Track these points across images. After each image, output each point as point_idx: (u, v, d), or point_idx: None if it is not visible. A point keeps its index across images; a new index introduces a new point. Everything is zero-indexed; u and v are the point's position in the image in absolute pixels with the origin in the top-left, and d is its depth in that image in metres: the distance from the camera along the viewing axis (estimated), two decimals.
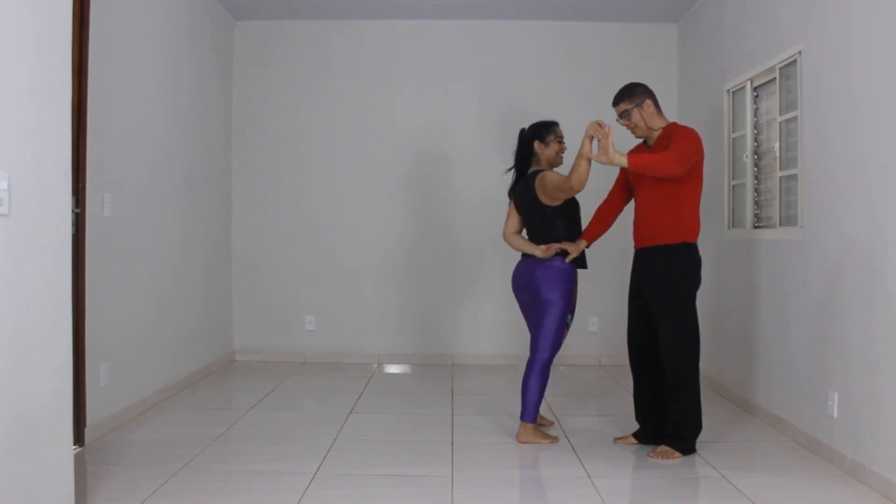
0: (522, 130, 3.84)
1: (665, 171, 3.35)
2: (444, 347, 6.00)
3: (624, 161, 3.35)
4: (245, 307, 6.04)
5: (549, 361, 3.67)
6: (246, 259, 6.03)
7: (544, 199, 3.65)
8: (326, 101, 6.02)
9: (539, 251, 3.65)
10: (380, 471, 3.28)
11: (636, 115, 3.55)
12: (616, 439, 3.73)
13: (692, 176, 3.48)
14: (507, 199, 3.94)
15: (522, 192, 3.77)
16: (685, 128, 3.52)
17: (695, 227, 3.53)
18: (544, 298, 3.64)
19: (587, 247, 3.76)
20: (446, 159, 5.99)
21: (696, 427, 3.53)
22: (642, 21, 5.90)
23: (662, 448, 3.49)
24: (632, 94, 3.58)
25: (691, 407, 3.51)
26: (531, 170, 3.79)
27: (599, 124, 3.40)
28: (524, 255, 3.79)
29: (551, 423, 4.01)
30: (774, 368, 4.04)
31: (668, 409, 3.54)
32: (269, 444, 3.64)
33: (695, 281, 3.56)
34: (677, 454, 3.47)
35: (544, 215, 3.69)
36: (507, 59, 5.99)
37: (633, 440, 3.68)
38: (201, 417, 4.20)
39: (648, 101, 3.56)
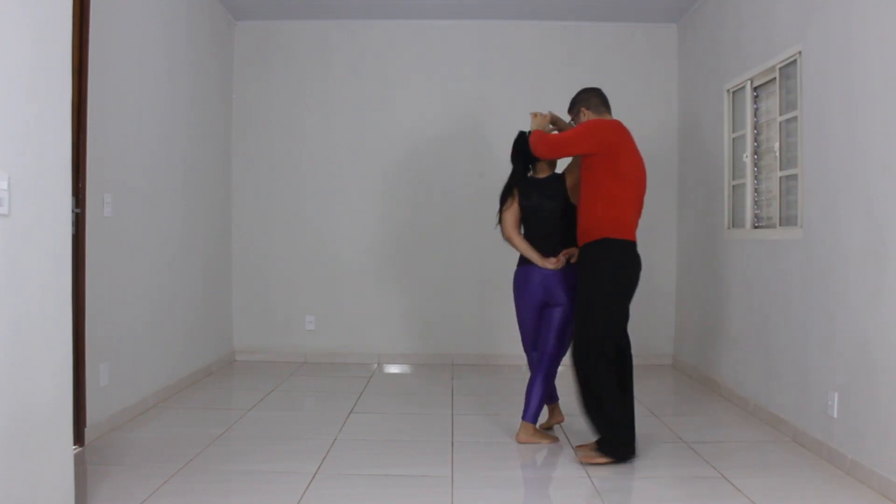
0: (523, 133, 3.83)
1: (532, 146, 3.63)
2: (444, 347, 6.00)
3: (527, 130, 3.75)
4: (245, 307, 6.04)
5: (559, 364, 3.70)
6: (246, 259, 6.03)
7: (573, 199, 3.69)
8: (326, 100, 6.02)
9: (550, 264, 3.62)
10: (380, 471, 3.28)
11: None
12: (578, 447, 3.56)
13: (595, 169, 3.40)
14: (507, 199, 3.88)
15: (552, 192, 3.70)
16: (591, 120, 3.56)
17: (614, 223, 3.36)
18: (559, 301, 3.64)
19: None
20: (446, 159, 5.99)
21: (614, 431, 3.34)
22: (642, 21, 5.90)
23: (586, 451, 3.43)
24: (572, 106, 3.74)
25: (601, 411, 3.35)
26: (546, 174, 3.79)
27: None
28: (529, 260, 3.74)
29: (556, 440, 3.80)
30: (775, 368, 4.04)
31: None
32: (269, 444, 3.64)
33: (609, 278, 3.37)
34: (602, 458, 3.35)
35: (566, 215, 3.69)
36: (507, 59, 5.99)
37: (593, 450, 3.46)
38: (201, 417, 4.20)
39: (583, 110, 3.66)
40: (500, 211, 3.85)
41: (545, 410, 4.02)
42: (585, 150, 3.45)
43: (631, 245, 3.43)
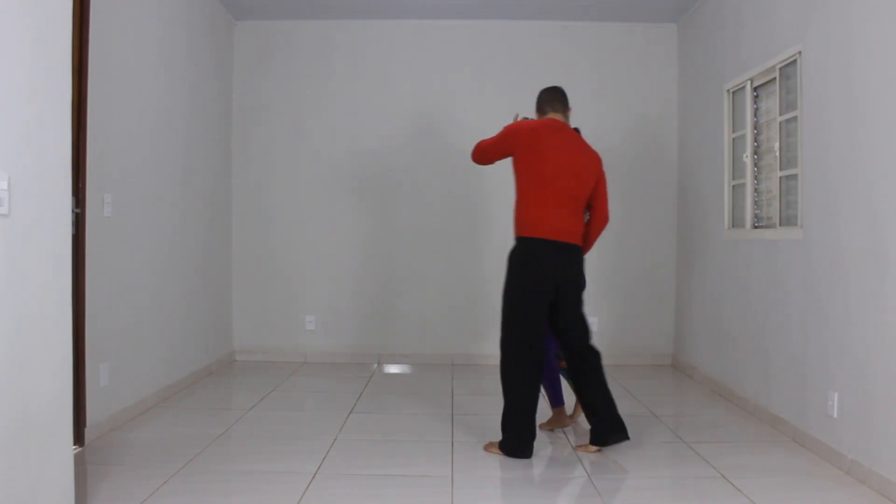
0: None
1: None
2: (444, 347, 6.00)
3: None
4: (245, 307, 6.04)
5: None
6: (246, 259, 6.03)
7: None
8: (326, 100, 6.02)
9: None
10: (380, 471, 3.28)
11: None
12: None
13: (515, 171, 3.52)
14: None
15: None
16: (509, 125, 3.63)
17: (523, 222, 3.45)
18: None
19: None
20: (446, 159, 5.98)
21: (509, 430, 3.44)
22: (642, 21, 5.90)
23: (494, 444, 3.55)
24: None
25: (506, 407, 3.47)
26: None
27: None
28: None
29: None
30: (774, 368, 4.04)
31: None
32: (269, 444, 3.64)
33: (515, 277, 3.45)
34: (497, 450, 3.49)
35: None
36: (508, 59, 5.99)
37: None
38: (201, 417, 4.20)
39: (536, 113, 3.72)
40: None
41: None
42: (499, 154, 3.58)
43: (537, 242, 3.41)
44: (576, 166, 3.48)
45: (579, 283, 3.57)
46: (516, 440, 3.44)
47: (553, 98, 3.66)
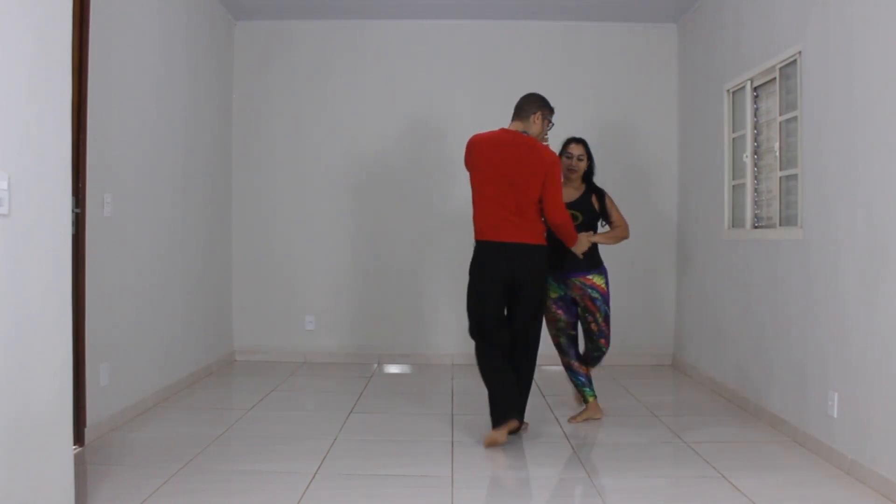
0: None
1: None
2: (444, 347, 6.00)
3: None
4: (245, 307, 6.04)
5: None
6: (246, 259, 6.03)
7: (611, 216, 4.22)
8: (326, 100, 6.02)
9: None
10: (380, 471, 3.28)
11: None
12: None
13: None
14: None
15: (580, 206, 4.16)
16: None
17: (475, 228, 3.76)
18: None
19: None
20: (446, 159, 5.98)
21: (493, 408, 3.63)
22: (642, 21, 5.90)
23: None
24: None
25: (489, 396, 3.68)
26: (580, 191, 4.19)
27: None
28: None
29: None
30: (774, 368, 4.04)
31: None
32: (269, 444, 3.64)
33: (470, 278, 3.77)
34: (490, 438, 3.59)
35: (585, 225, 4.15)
36: (507, 59, 5.99)
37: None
38: (201, 417, 4.20)
39: None
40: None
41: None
42: (468, 166, 3.79)
43: (482, 244, 3.72)
44: (516, 174, 3.65)
45: (538, 283, 3.73)
46: (500, 411, 3.58)
47: (517, 107, 3.83)
